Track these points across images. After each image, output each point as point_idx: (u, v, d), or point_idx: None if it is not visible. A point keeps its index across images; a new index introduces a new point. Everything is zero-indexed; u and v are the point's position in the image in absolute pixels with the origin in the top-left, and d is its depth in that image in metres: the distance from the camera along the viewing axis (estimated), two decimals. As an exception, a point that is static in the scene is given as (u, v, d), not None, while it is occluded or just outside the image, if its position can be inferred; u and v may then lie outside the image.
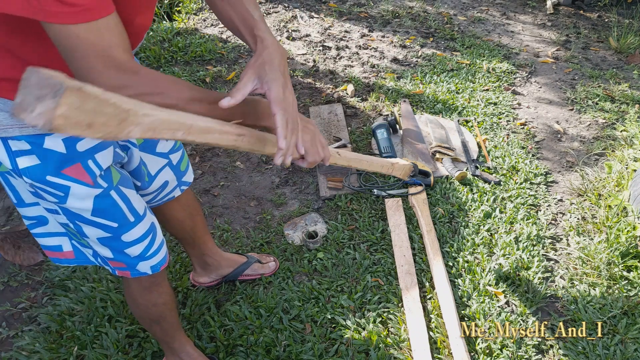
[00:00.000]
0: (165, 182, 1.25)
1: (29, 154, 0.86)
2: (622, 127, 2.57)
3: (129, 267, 1.10)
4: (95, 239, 1.02)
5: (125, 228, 1.03)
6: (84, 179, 0.93)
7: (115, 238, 1.03)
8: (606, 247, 1.83)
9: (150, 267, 1.13)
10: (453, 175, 2.17)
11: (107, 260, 1.09)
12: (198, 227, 1.50)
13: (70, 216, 0.97)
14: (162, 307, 1.25)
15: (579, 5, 4.15)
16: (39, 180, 0.89)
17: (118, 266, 1.10)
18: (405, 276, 1.71)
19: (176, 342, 1.37)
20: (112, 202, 0.99)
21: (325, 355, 1.50)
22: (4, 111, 0.82)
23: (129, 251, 1.07)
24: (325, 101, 2.76)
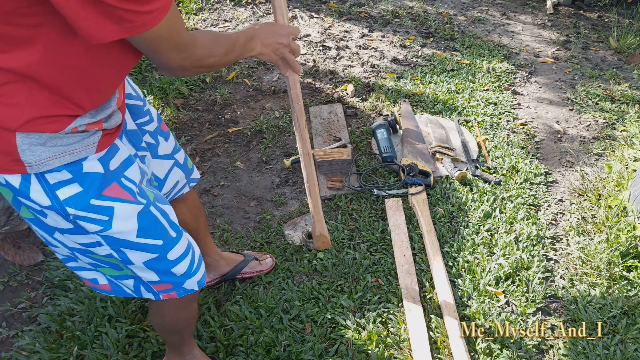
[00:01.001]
0: (176, 182, 1.29)
1: (70, 183, 0.87)
2: (622, 127, 2.57)
3: (175, 286, 1.10)
4: (142, 264, 1.01)
5: (170, 245, 1.04)
6: (125, 196, 0.94)
7: (162, 258, 1.03)
8: (606, 247, 1.83)
9: (197, 283, 1.13)
10: (453, 175, 2.17)
11: (151, 285, 1.08)
12: (201, 229, 1.52)
13: (115, 244, 0.96)
14: (190, 320, 1.28)
15: (579, 5, 4.15)
16: (84, 207, 0.88)
17: (163, 289, 1.09)
18: (405, 276, 1.71)
19: (186, 347, 1.38)
20: (153, 218, 1.00)
21: (325, 355, 1.50)
22: (40, 145, 0.82)
23: (175, 270, 1.07)
24: (325, 101, 2.76)
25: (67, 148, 0.85)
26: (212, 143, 2.45)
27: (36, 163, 0.82)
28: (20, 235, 1.91)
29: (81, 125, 0.86)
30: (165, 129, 1.26)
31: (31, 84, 0.78)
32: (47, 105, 0.81)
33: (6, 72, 0.76)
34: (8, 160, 0.82)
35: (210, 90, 2.85)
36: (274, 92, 2.85)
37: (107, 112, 0.90)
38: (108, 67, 0.85)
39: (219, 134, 2.51)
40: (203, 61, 0.92)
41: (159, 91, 2.75)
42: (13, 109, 0.78)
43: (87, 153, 0.88)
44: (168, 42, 0.82)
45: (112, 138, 0.94)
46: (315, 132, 2.48)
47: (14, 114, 0.78)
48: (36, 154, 0.82)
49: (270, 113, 2.66)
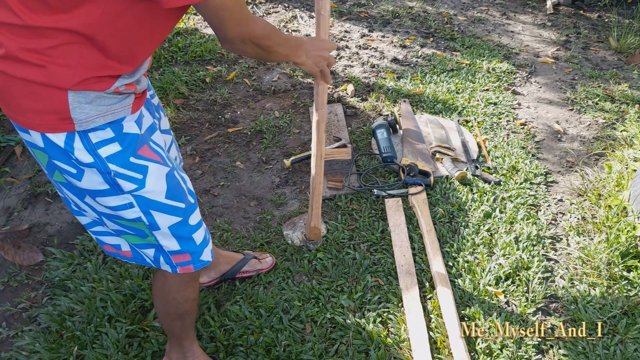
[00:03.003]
0: (175, 157, 1.36)
1: (112, 142, 0.93)
2: (622, 127, 2.57)
3: (194, 258, 1.14)
4: (167, 229, 1.06)
5: (190, 210, 1.10)
6: (155, 157, 1.01)
7: (184, 222, 1.08)
8: (606, 247, 1.83)
9: (210, 252, 1.19)
10: (453, 175, 2.17)
11: (171, 256, 1.12)
12: None
13: (145, 205, 1.01)
14: (192, 303, 1.29)
15: (579, 5, 4.15)
16: (124, 164, 0.95)
17: (182, 260, 1.13)
18: (405, 276, 1.71)
19: (188, 340, 1.38)
20: (177, 182, 1.07)
21: (325, 355, 1.50)
22: (88, 103, 0.88)
23: (195, 236, 1.12)
24: (325, 101, 2.76)
25: (110, 107, 0.91)
26: (212, 143, 2.45)
27: (84, 120, 0.88)
28: (20, 235, 1.91)
29: (122, 86, 0.92)
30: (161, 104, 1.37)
31: (83, 45, 0.84)
32: (96, 65, 0.87)
33: (62, 32, 0.81)
34: (57, 118, 0.87)
35: (210, 90, 2.85)
36: (274, 92, 2.85)
37: (141, 74, 0.98)
38: (152, 33, 0.92)
39: (219, 134, 2.51)
40: (261, 41, 1.01)
41: (159, 91, 2.75)
42: (66, 70, 0.84)
43: (125, 113, 0.95)
44: (232, 14, 0.90)
45: (140, 102, 1.01)
46: (315, 132, 2.48)
47: (67, 75, 0.84)
48: (85, 111, 0.88)
49: (270, 113, 2.66)
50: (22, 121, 0.89)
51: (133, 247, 1.13)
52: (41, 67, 0.83)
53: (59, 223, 1.99)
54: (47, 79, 0.84)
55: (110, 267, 1.77)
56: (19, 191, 2.14)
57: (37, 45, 0.82)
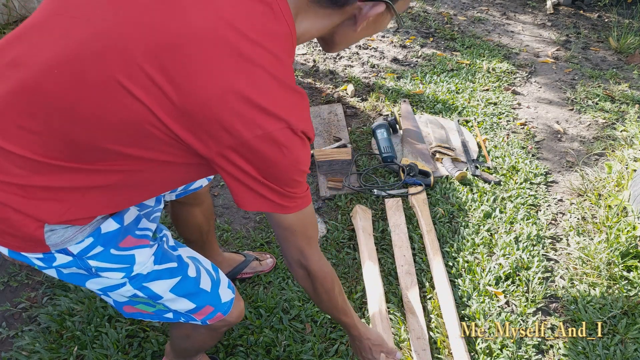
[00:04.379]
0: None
1: (93, 247, 0.86)
2: (622, 127, 2.57)
3: (216, 305, 1.04)
4: (169, 293, 0.97)
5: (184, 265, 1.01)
6: (142, 242, 0.93)
7: (185, 278, 0.99)
8: (606, 247, 1.83)
9: (228, 288, 1.09)
10: (453, 175, 2.17)
11: (192, 314, 1.03)
12: (211, 232, 1.54)
13: (136, 282, 0.94)
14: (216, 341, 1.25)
15: (579, 5, 4.15)
16: (105, 259, 0.88)
17: (206, 314, 1.04)
18: (405, 276, 1.71)
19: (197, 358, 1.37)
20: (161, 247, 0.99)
21: (325, 355, 1.50)
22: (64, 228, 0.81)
23: (202, 285, 1.02)
24: (325, 101, 2.76)
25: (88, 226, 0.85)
26: (212, 143, 2.45)
27: (60, 243, 0.82)
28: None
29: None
30: None
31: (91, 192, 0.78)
32: (93, 208, 0.81)
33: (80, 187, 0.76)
34: (30, 244, 0.81)
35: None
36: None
37: None
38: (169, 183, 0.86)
39: (219, 134, 2.51)
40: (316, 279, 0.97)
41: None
42: (58, 206, 0.77)
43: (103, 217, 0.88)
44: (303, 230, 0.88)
45: None
46: (315, 132, 2.48)
47: (57, 211, 0.77)
48: (59, 234, 0.81)
49: (270, 113, 2.66)
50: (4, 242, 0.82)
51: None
52: (23, 198, 0.75)
53: (59, 223, 1.99)
54: (26, 209, 0.76)
55: (110, 267, 1.77)
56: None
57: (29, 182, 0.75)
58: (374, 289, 1.62)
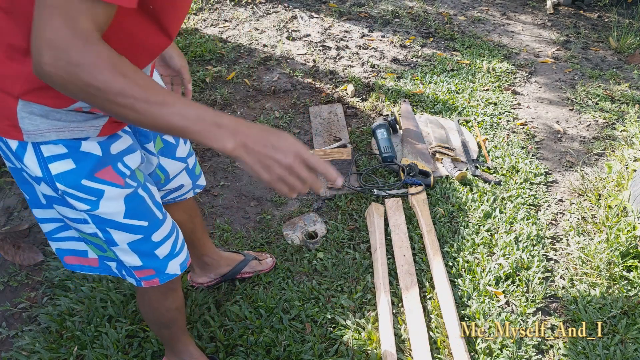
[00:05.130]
0: (180, 185, 1.27)
1: (65, 158, 0.85)
2: (622, 127, 2.57)
3: (158, 272, 1.07)
4: (126, 245, 0.99)
5: (155, 226, 1.02)
6: (116, 180, 0.92)
7: (146, 239, 1.01)
8: (606, 247, 1.83)
9: (180, 265, 1.11)
10: (453, 175, 2.17)
11: (133, 271, 1.05)
12: (197, 229, 1.50)
13: (101, 223, 0.94)
14: (175, 312, 1.25)
15: (579, 5, 4.15)
16: (74, 185, 0.87)
17: (145, 275, 1.07)
18: (405, 276, 1.71)
19: (180, 344, 1.37)
20: (141, 199, 0.98)
21: (325, 355, 1.50)
22: (41, 116, 0.80)
23: (159, 252, 1.05)
24: (325, 101, 2.76)
25: (69, 124, 0.83)
26: (212, 143, 2.45)
27: (33, 132, 0.81)
28: (20, 235, 1.91)
29: (86, 107, 0.83)
30: None
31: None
32: None
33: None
34: (7, 124, 0.80)
35: (210, 90, 2.85)
36: (274, 92, 2.85)
37: None
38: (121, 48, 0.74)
39: (219, 134, 2.51)
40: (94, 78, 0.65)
41: (159, 91, 2.75)
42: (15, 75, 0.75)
43: (89, 134, 0.86)
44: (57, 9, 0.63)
45: (118, 127, 0.92)
46: (315, 132, 2.48)
47: (16, 81, 0.76)
48: (35, 123, 0.80)
49: (270, 113, 2.66)
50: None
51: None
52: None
53: (59, 223, 1.99)
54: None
55: (110, 267, 1.77)
56: (19, 191, 2.14)
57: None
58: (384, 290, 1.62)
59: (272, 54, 3.26)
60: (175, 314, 1.25)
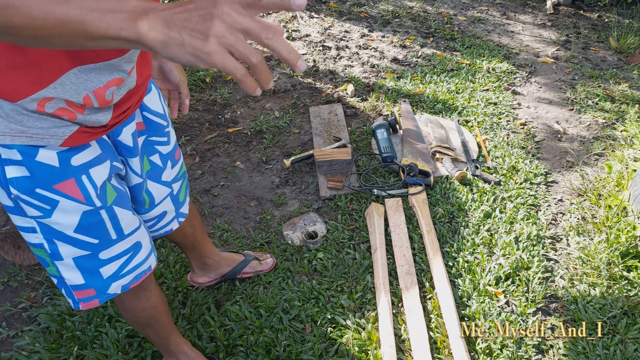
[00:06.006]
0: (163, 212, 1.19)
1: (19, 165, 0.80)
2: (622, 127, 2.57)
3: (99, 293, 1.01)
4: (70, 260, 0.94)
5: (105, 245, 0.96)
6: (76, 196, 0.87)
7: (93, 256, 0.96)
8: (606, 247, 1.83)
9: (121, 287, 1.05)
10: (453, 175, 2.17)
11: (73, 291, 0.99)
12: (197, 232, 1.48)
13: (49, 234, 0.89)
14: (151, 311, 1.21)
15: (579, 5, 4.15)
16: (27, 192, 0.83)
17: (85, 296, 1.00)
18: (405, 276, 1.71)
19: (172, 344, 1.35)
20: (98, 219, 0.92)
21: (325, 355, 1.50)
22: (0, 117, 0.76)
23: (103, 270, 0.99)
24: (325, 101, 2.76)
25: (27, 130, 0.77)
26: (212, 143, 2.45)
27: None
28: (20, 235, 1.91)
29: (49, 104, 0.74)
30: (177, 156, 1.19)
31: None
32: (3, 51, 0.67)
33: None
34: None
35: (210, 90, 2.85)
36: (274, 92, 2.85)
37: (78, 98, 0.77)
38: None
39: (219, 134, 2.51)
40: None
41: (159, 91, 2.75)
42: None
43: (49, 142, 0.80)
44: None
45: (89, 137, 0.84)
46: (315, 132, 2.48)
47: None
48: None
49: (270, 113, 2.66)
50: None
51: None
52: None
53: (59, 223, 1.99)
54: None
55: (110, 267, 1.78)
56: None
57: None
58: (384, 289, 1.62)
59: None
60: (151, 313, 1.21)
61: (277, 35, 0.54)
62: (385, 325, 1.53)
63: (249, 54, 0.54)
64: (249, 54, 0.54)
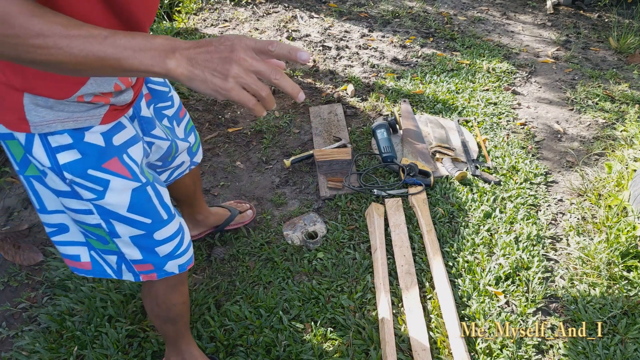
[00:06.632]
0: (182, 162, 1.37)
1: (70, 149, 0.89)
2: (622, 127, 2.57)
3: (157, 268, 1.10)
4: (128, 238, 1.02)
5: (158, 225, 1.05)
6: (123, 172, 0.96)
7: (148, 235, 1.04)
8: (606, 247, 1.83)
9: (178, 266, 1.14)
10: (453, 175, 2.17)
11: (133, 265, 1.08)
12: (197, 191, 1.66)
13: (105, 215, 0.98)
14: (181, 307, 1.27)
15: (579, 5, 4.15)
16: (80, 175, 0.91)
17: (144, 269, 1.10)
18: (405, 276, 1.71)
19: (184, 342, 1.38)
20: (147, 197, 1.01)
21: (325, 355, 1.50)
22: (46, 108, 0.84)
23: (159, 249, 1.08)
24: (325, 101, 2.76)
25: (72, 115, 0.87)
26: (212, 143, 2.45)
27: (39, 124, 0.85)
28: (20, 235, 1.91)
29: (87, 95, 0.86)
30: (182, 114, 1.32)
31: None
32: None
33: None
34: (15, 117, 0.84)
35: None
36: (274, 92, 2.85)
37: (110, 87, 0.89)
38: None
39: (219, 134, 2.51)
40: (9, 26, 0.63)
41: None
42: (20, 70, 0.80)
43: (91, 123, 0.90)
44: None
45: (119, 114, 0.96)
46: (315, 132, 2.48)
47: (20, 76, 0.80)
48: (40, 115, 0.84)
49: (271, 113, 2.66)
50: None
51: (94, 257, 1.10)
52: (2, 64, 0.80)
53: (59, 223, 1.99)
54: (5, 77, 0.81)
55: (110, 267, 1.78)
56: (19, 191, 2.14)
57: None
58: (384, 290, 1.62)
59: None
60: (181, 308, 1.27)
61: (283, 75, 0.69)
62: (385, 325, 1.53)
63: (260, 90, 0.70)
64: (260, 90, 0.70)
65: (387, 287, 1.65)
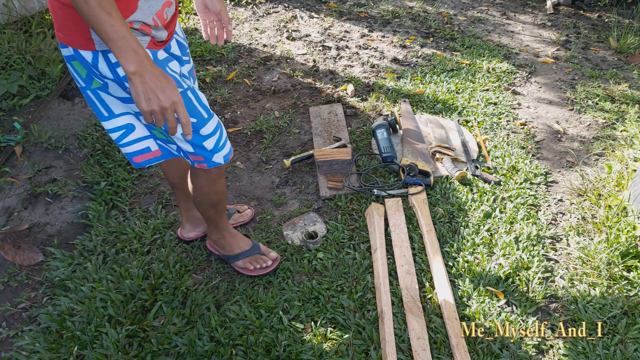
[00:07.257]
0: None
1: None
2: (622, 127, 2.57)
3: (206, 159, 1.37)
4: (180, 135, 1.28)
5: (202, 123, 1.30)
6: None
7: (196, 132, 1.29)
8: (606, 247, 1.83)
9: (223, 157, 1.40)
10: (453, 175, 2.17)
11: (189, 154, 1.36)
12: None
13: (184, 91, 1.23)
14: (221, 195, 1.55)
15: (579, 5, 4.15)
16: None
17: (197, 159, 1.37)
18: (405, 276, 1.71)
19: (222, 222, 1.67)
20: (189, 99, 1.26)
21: (325, 355, 1.50)
22: None
23: (206, 144, 1.33)
24: (325, 101, 2.76)
25: None
26: (212, 143, 2.45)
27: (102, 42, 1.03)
28: (20, 235, 1.91)
29: (136, 22, 1.10)
30: (195, 74, 1.53)
31: None
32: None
33: None
34: (83, 38, 1.08)
35: (210, 90, 2.85)
36: (274, 92, 2.85)
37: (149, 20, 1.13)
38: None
39: (219, 134, 2.51)
40: None
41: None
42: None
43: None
44: None
45: (158, 47, 1.19)
46: (315, 132, 2.48)
47: None
48: None
49: (270, 113, 2.66)
50: (64, 39, 1.10)
51: (161, 143, 1.40)
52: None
53: (59, 223, 1.99)
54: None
55: (110, 267, 1.77)
56: (19, 191, 2.14)
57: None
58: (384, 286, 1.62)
59: (272, 54, 3.26)
60: (221, 196, 1.56)
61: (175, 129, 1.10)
62: (385, 325, 1.53)
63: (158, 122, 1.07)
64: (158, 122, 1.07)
65: (387, 287, 1.65)
